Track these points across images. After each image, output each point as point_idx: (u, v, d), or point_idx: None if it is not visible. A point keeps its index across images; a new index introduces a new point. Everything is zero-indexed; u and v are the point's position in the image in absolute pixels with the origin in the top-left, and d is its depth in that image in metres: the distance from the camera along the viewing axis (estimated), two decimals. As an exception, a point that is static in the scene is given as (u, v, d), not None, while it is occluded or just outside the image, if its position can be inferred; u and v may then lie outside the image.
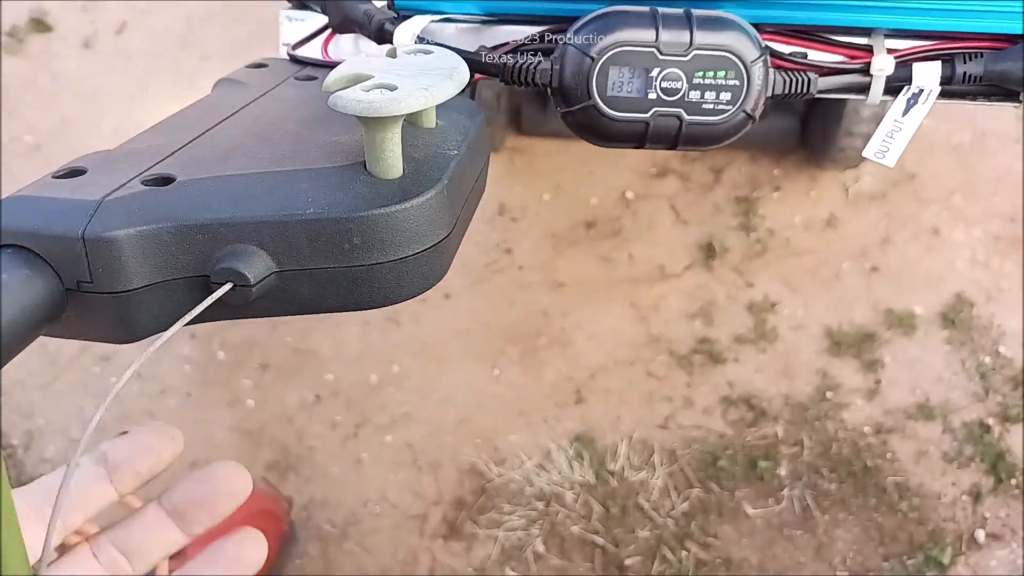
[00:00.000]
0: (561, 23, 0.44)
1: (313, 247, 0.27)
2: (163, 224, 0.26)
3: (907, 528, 1.24)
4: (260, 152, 0.31)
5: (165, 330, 0.28)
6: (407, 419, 1.33)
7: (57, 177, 0.28)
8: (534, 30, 0.45)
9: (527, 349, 1.39)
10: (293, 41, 0.48)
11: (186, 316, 0.26)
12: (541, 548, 1.25)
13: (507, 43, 0.45)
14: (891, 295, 1.38)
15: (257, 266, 0.27)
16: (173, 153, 0.30)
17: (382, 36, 0.42)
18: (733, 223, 1.45)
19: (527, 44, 0.44)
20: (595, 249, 1.46)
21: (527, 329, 1.41)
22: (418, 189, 0.29)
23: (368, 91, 0.28)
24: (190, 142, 0.31)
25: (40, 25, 1.68)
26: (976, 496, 1.25)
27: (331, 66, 0.42)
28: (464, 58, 0.41)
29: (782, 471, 1.30)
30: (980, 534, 1.22)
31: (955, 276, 1.38)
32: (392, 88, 0.28)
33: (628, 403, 1.37)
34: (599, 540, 1.25)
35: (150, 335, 0.28)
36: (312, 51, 0.45)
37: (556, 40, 0.44)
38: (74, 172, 0.29)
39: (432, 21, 0.42)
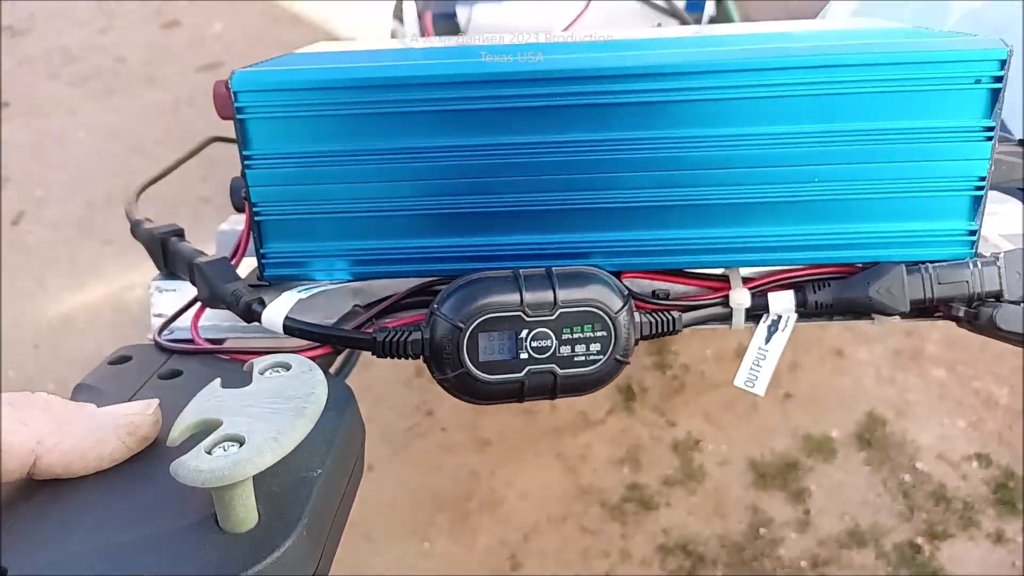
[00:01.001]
0: (437, 279, 0.45)
1: None
2: None
3: (857, 663, 1.22)
4: (97, 518, 0.28)
5: None
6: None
7: None
8: (410, 283, 0.46)
9: (457, 515, 1.35)
10: (164, 312, 0.47)
11: None
12: None
13: (388, 297, 0.45)
14: (807, 420, 1.41)
15: None
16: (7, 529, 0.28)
17: (250, 316, 0.41)
18: (648, 362, 1.47)
19: (406, 299, 0.45)
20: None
21: (456, 493, 1.37)
22: (274, 541, 0.27)
23: (212, 450, 0.27)
24: (14, 522, 0.29)
25: (-72, 223, 1.64)
26: (920, 620, 1.24)
27: (199, 352, 0.42)
28: (334, 335, 0.41)
29: (728, 616, 1.27)
30: (929, 661, 1.21)
31: (864, 395, 1.42)
32: (239, 441, 0.27)
33: (565, 563, 1.33)
34: None
35: None
36: (183, 323, 0.45)
37: (433, 291, 0.44)
38: None
39: (300, 298, 0.42)
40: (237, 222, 0.55)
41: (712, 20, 1.08)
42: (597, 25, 1.01)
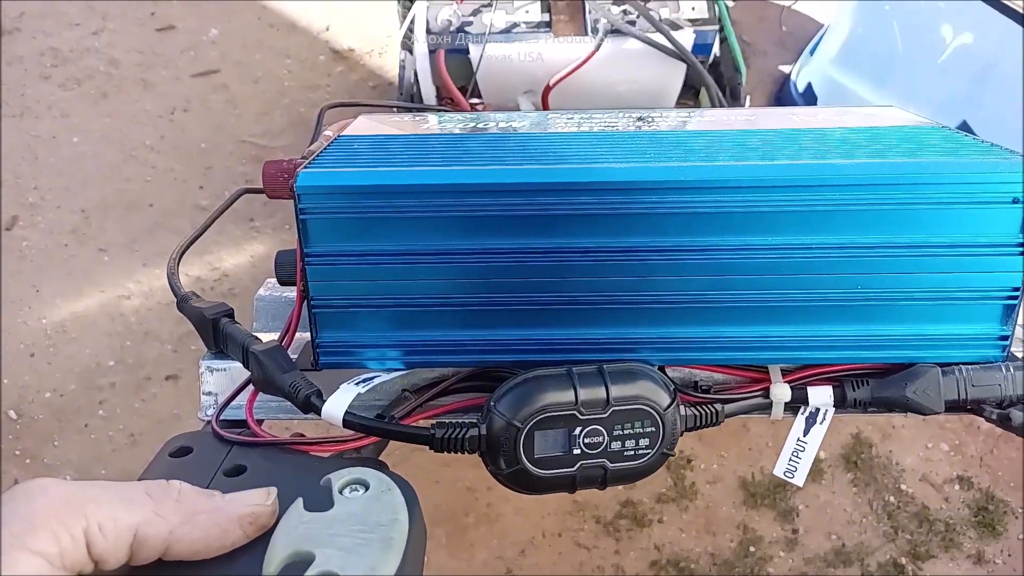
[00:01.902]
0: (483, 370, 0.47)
1: None
2: None
3: None
4: None
5: None
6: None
7: None
8: (456, 370, 0.47)
9: (455, 529, 1.37)
10: (216, 391, 0.48)
11: None
12: None
13: (440, 381, 0.47)
14: (797, 442, 1.44)
15: None
16: None
17: (308, 408, 0.43)
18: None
19: (459, 384, 0.46)
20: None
21: (453, 508, 1.39)
22: None
23: None
24: None
25: (-81, 229, 1.62)
26: (901, 638, 1.29)
27: (260, 444, 0.43)
28: (394, 431, 0.43)
29: (717, 632, 1.31)
30: (910, 677, 1.25)
31: (851, 418, 1.46)
32: None
33: (560, 576, 1.36)
34: None
35: None
36: (239, 402, 0.46)
37: (491, 378, 0.46)
38: None
39: (359, 392, 0.43)
40: (274, 288, 0.56)
41: (716, 61, 1.10)
42: (604, 65, 1.01)
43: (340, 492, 0.33)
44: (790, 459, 0.46)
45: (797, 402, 0.46)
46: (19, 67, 1.81)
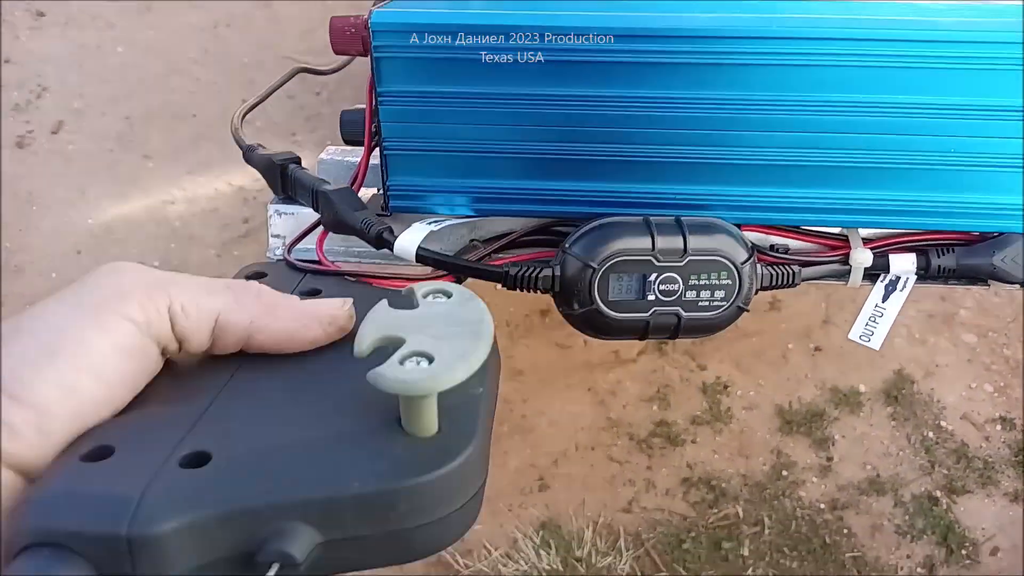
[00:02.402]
0: (552, 223, 0.46)
1: (359, 518, 0.27)
2: (206, 512, 0.26)
3: (868, 603, 1.27)
4: (290, 412, 0.30)
5: None
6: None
7: (85, 459, 0.27)
8: (529, 222, 0.46)
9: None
10: (284, 234, 0.48)
11: None
12: (513, 645, 1.23)
13: (507, 234, 0.46)
14: (835, 374, 1.43)
15: (303, 543, 0.27)
16: (202, 416, 0.30)
17: (381, 244, 0.42)
18: (683, 307, 1.48)
19: (526, 237, 0.46)
20: (551, 336, 1.47)
21: (487, 421, 1.40)
22: (457, 448, 0.29)
23: (404, 363, 0.28)
24: (214, 400, 0.31)
25: (-30, 127, 1.63)
26: (930, 568, 1.29)
27: (330, 273, 0.43)
28: (467, 266, 0.42)
29: (745, 551, 1.32)
30: (936, 606, 1.26)
31: (894, 354, 1.44)
32: (429, 358, 0.28)
33: (592, 488, 1.38)
34: (570, 633, 1.24)
35: None
36: (306, 245, 0.46)
37: (557, 233, 0.45)
38: (102, 452, 0.28)
39: (431, 230, 0.43)
40: (336, 153, 0.55)
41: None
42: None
43: (424, 298, 0.33)
44: (866, 324, 0.45)
45: (878, 269, 0.45)
46: (65, -27, 1.80)
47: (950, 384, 1.41)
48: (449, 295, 0.33)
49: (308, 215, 0.47)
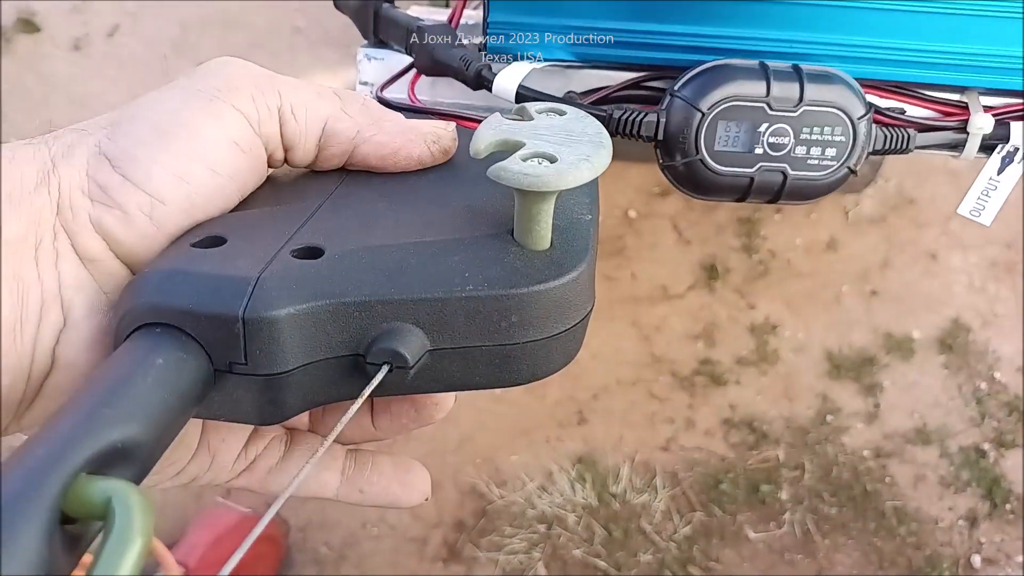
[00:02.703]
0: (655, 72, 0.43)
1: (470, 325, 0.26)
2: (321, 303, 0.25)
3: (905, 553, 1.25)
4: (399, 218, 0.29)
5: (310, 408, 0.26)
6: (406, 438, 1.31)
7: (196, 246, 0.26)
8: (624, 76, 0.44)
9: (529, 368, 1.38)
10: (373, 80, 0.46)
11: (356, 403, 0.25)
12: (543, 572, 1.24)
13: (600, 89, 0.44)
14: (890, 319, 1.39)
15: (414, 346, 0.25)
16: (311, 217, 0.28)
17: (480, 82, 0.40)
18: (735, 244, 1.45)
19: (620, 92, 0.44)
20: (598, 267, 1.45)
21: (529, 348, 1.39)
22: (570, 263, 0.27)
23: (527, 161, 0.26)
24: (322, 205, 0.29)
25: (28, 26, 1.63)
26: (972, 521, 1.27)
27: (424, 112, 0.41)
28: (572, 105, 0.40)
29: (783, 495, 1.31)
30: (976, 559, 1.24)
31: (952, 301, 1.40)
32: (550, 159, 0.26)
33: (630, 424, 1.37)
34: (601, 564, 1.24)
35: (296, 415, 0.26)
36: (398, 92, 0.44)
37: (653, 89, 0.43)
38: (215, 241, 0.27)
39: (534, 67, 0.41)
40: (421, 12, 0.53)
41: None
42: None
43: (538, 114, 0.31)
44: (978, 198, 0.43)
45: (996, 138, 0.42)
46: None
47: (1008, 335, 1.37)
48: (563, 113, 0.31)
49: (399, 61, 0.45)
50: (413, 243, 0.27)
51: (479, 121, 0.41)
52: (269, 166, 0.30)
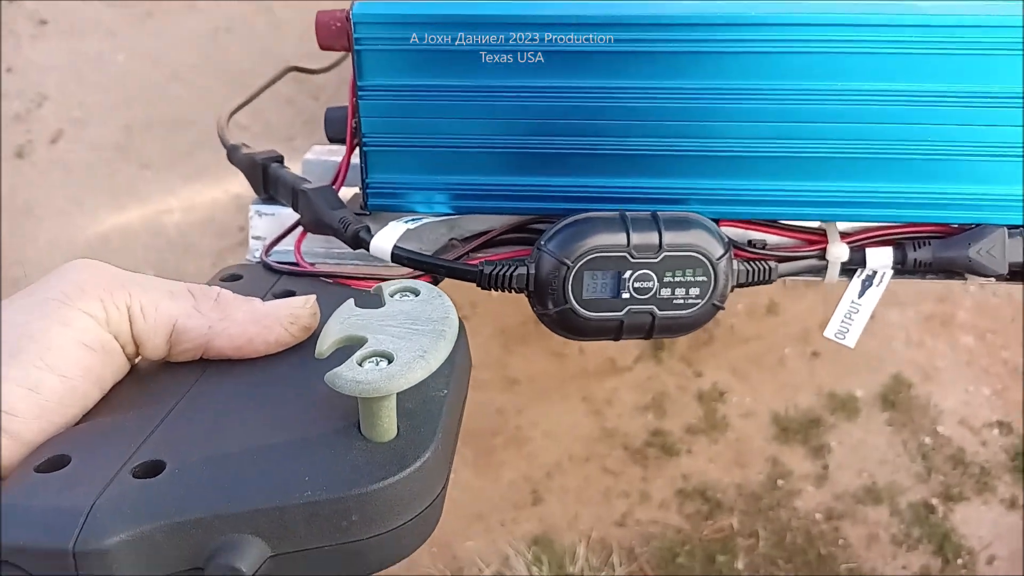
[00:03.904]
0: (530, 220, 0.46)
1: (310, 528, 0.27)
2: (157, 524, 0.26)
3: (865, 614, 1.26)
4: (250, 418, 0.30)
5: None
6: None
7: (39, 469, 0.27)
8: (507, 220, 0.46)
9: (482, 449, 1.38)
10: (264, 235, 0.48)
11: None
12: (507, 659, 1.22)
13: (484, 233, 0.46)
14: (833, 378, 1.42)
15: (252, 557, 0.26)
16: (161, 423, 0.30)
17: (358, 243, 0.42)
18: (678, 314, 1.48)
19: (504, 235, 0.46)
20: (546, 344, 1.47)
21: (482, 429, 1.40)
22: (415, 452, 0.29)
23: (363, 363, 0.28)
24: (175, 407, 0.31)
25: (-31, 137, 1.64)
26: (927, 577, 1.28)
27: (306, 275, 0.43)
28: (442, 265, 0.42)
29: (740, 564, 1.31)
30: (934, 616, 1.25)
31: (892, 357, 1.44)
32: (389, 358, 0.28)
33: (585, 501, 1.37)
34: (565, 647, 1.23)
35: None
36: (286, 246, 0.46)
37: (535, 231, 0.45)
38: (57, 463, 0.28)
39: (408, 228, 0.43)
40: (322, 152, 0.56)
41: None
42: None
43: (391, 296, 0.33)
44: (842, 320, 0.45)
45: (854, 264, 0.45)
46: (67, -17, 1.82)
47: (948, 388, 1.41)
48: (417, 293, 0.33)
49: (289, 216, 0.47)
50: (258, 448, 0.28)
51: (365, 279, 0.43)
52: (129, 359, 0.32)
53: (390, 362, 0.28)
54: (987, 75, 0.40)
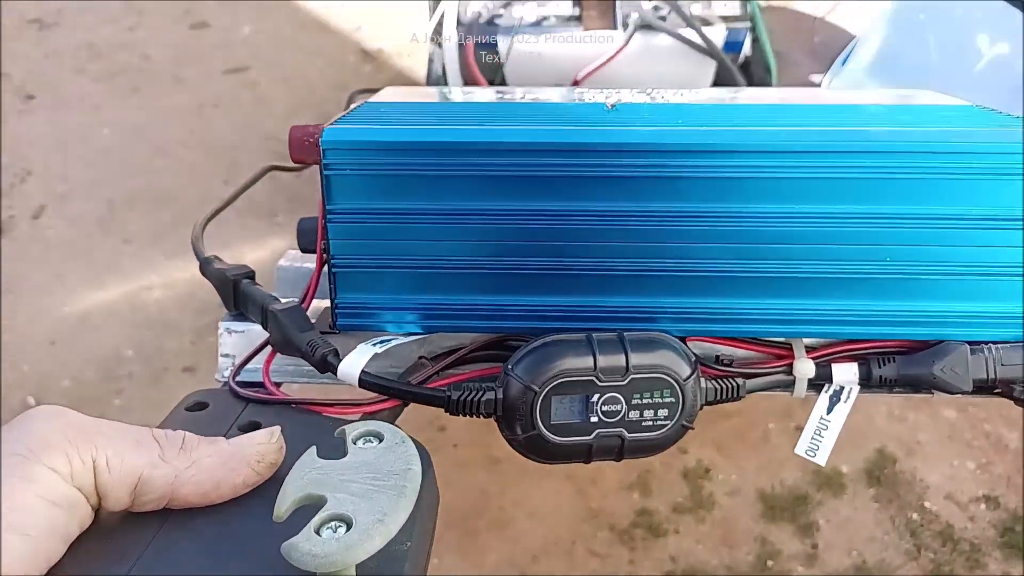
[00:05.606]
0: (502, 337, 0.46)
1: None
2: None
3: None
4: (220, 559, 0.30)
5: None
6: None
7: None
8: (477, 337, 0.46)
9: (466, 532, 1.36)
10: (233, 353, 0.48)
11: None
12: None
13: (456, 350, 0.46)
14: (818, 455, 1.41)
15: None
16: None
17: (325, 367, 0.42)
18: (662, 389, 1.47)
19: (472, 354, 0.46)
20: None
21: (465, 510, 1.38)
22: None
23: (321, 530, 0.27)
24: (135, 565, 0.30)
25: (-48, 215, 1.65)
26: (921, 660, 1.25)
27: (276, 402, 0.42)
28: (410, 392, 0.42)
29: (733, 647, 1.28)
30: None
31: (875, 432, 1.43)
32: (348, 522, 0.28)
33: (572, 584, 1.34)
34: None
35: None
36: (255, 364, 0.45)
37: (508, 348, 0.45)
38: None
39: (376, 352, 0.43)
40: (295, 259, 0.56)
41: (747, 61, 1.09)
42: (633, 61, 1.01)
43: (354, 443, 0.32)
44: (812, 437, 0.45)
45: (821, 379, 0.45)
46: (56, 60, 1.85)
47: (932, 462, 1.40)
48: (381, 438, 0.33)
49: (259, 333, 0.47)
50: None
51: (336, 406, 0.42)
52: (93, 509, 0.31)
53: (349, 527, 0.28)
54: (933, 197, 0.41)
